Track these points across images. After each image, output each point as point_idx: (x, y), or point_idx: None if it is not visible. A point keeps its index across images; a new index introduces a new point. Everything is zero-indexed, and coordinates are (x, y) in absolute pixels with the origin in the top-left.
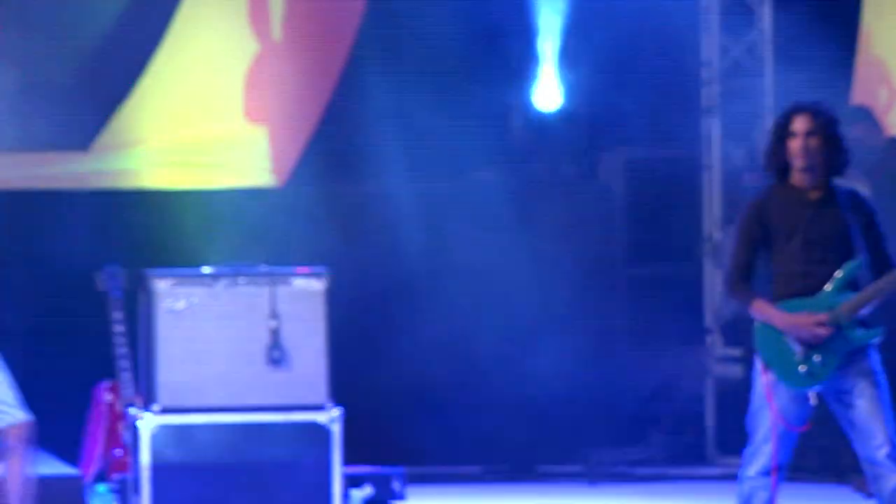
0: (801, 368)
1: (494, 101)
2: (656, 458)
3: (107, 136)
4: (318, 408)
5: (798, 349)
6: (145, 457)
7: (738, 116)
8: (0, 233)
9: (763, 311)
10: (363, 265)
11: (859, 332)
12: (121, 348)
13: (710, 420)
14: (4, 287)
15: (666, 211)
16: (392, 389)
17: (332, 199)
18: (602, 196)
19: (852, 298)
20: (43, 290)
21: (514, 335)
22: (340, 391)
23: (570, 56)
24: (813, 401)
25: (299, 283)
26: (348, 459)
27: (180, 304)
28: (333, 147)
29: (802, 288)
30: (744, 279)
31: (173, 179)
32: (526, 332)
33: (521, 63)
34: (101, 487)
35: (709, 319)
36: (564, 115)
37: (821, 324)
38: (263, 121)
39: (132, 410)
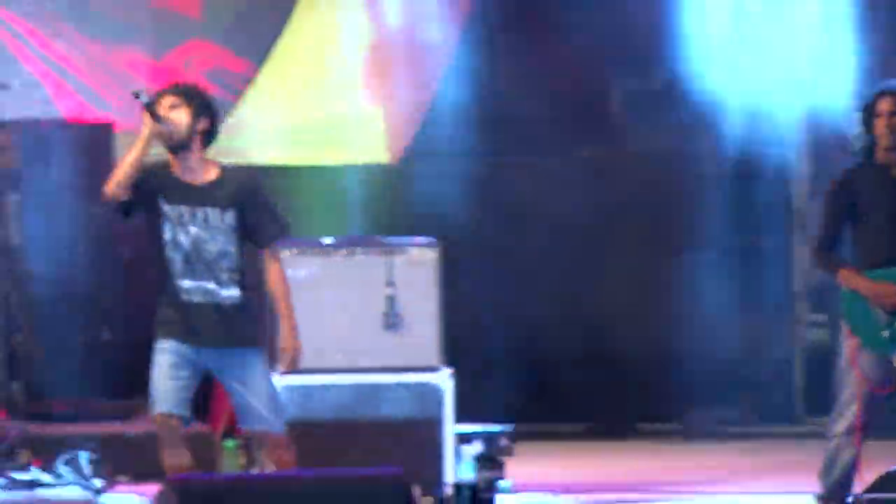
0: (884, 334)
1: (594, 81)
2: (748, 417)
3: (233, 116)
4: (430, 369)
5: (882, 316)
6: None
7: (826, 97)
8: None
9: (848, 279)
10: (473, 235)
11: None
12: None
13: (798, 382)
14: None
15: (757, 185)
16: (501, 352)
17: (442, 174)
18: (695, 171)
19: None
20: None
21: (615, 303)
22: (451, 353)
23: (664, 37)
24: None
25: (413, 252)
26: (459, 418)
27: (301, 273)
28: (444, 126)
29: (886, 259)
30: (830, 249)
31: (295, 157)
32: (626, 299)
33: (621, 44)
34: (229, 443)
35: (797, 287)
36: (659, 94)
37: None
38: (379, 101)
39: None
